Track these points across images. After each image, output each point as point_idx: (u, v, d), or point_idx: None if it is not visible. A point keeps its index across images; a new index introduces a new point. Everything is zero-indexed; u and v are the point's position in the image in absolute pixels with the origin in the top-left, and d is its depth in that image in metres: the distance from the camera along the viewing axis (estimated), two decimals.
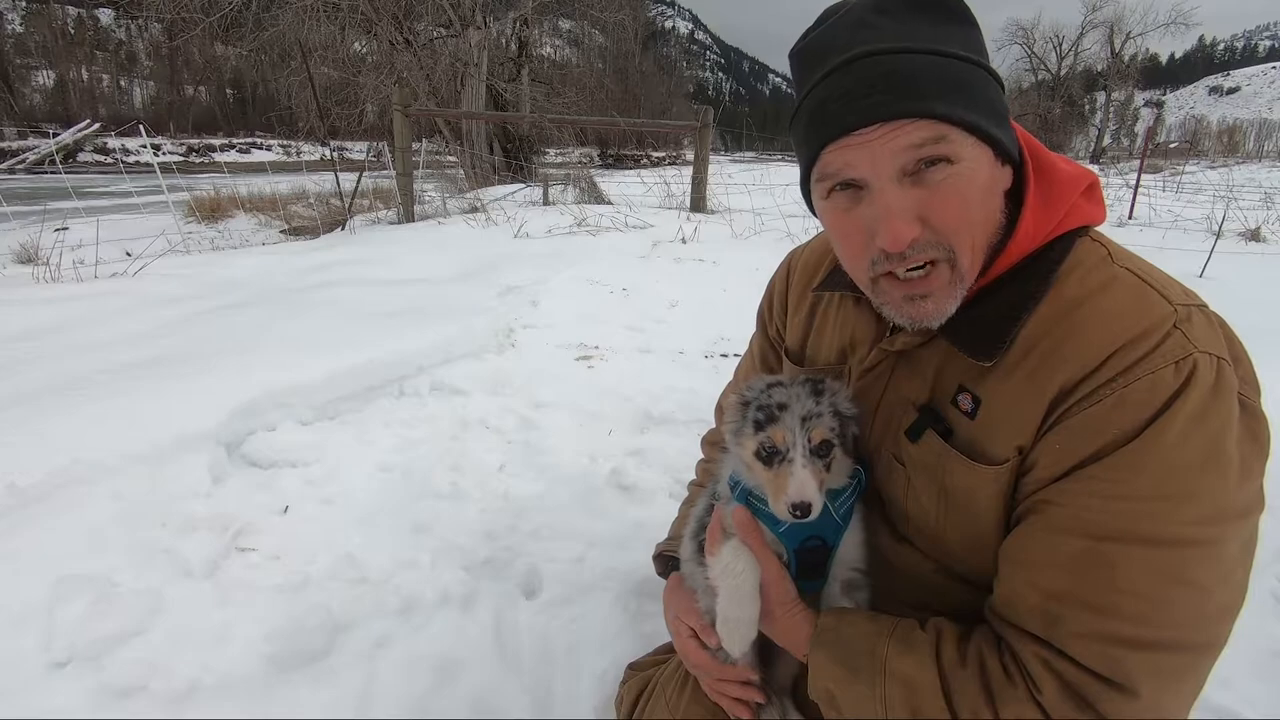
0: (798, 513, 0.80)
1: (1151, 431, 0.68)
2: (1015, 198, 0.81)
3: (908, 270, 0.76)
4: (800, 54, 0.80)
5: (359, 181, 9.18)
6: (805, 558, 0.90)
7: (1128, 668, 0.67)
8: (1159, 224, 8.51)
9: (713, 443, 1.35)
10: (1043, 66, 52.47)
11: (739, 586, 0.88)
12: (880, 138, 0.72)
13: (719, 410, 1.37)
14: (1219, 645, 0.70)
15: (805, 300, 1.08)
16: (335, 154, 10.18)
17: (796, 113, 0.80)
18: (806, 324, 1.07)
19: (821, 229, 0.93)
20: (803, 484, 0.81)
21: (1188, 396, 0.67)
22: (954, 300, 0.78)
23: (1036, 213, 0.79)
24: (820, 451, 0.84)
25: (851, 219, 0.78)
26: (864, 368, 0.93)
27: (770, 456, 0.84)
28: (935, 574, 0.88)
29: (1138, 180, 10.99)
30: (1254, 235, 7.61)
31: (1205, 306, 0.75)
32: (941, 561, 0.87)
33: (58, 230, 6.37)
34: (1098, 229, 0.83)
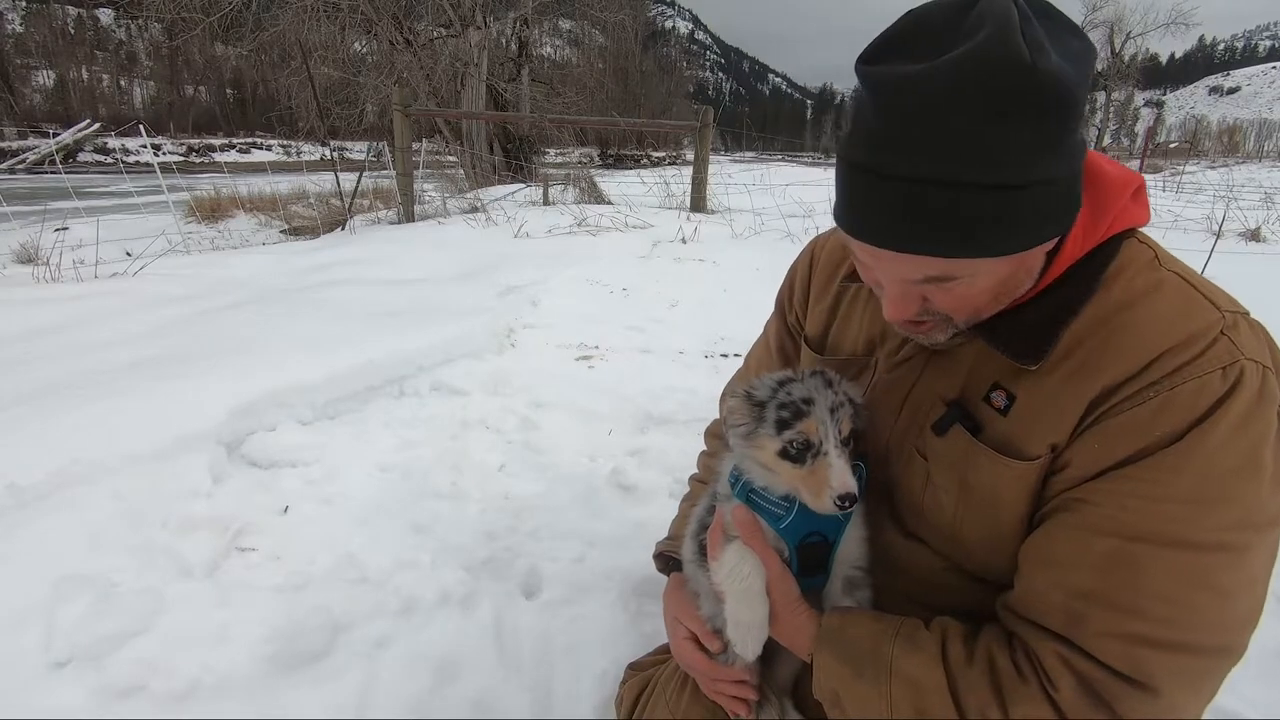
0: (845, 504, 0.80)
1: (1195, 435, 0.68)
2: None
3: None
4: (868, 83, 0.68)
5: (359, 181, 9.19)
6: (806, 554, 0.90)
7: (1151, 668, 0.67)
8: (1159, 224, 8.49)
9: (716, 435, 1.33)
10: None
11: (747, 589, 0.88)
12: (892, 259, 0.72)
13: (724, 400, 1.34)
14: (1239, 651, 0.71)
15: (829, 289, 1.07)
16: (335, 154, 10.19)
17: (849, 135, 0.73)
18: (830, 313, 1.06)
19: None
20: (844, 474, 0.81)
21: (1233, 402, 0.68)
22: (948, 335, 0.83)
23: (1085, 225, 0.78)
24: (848, 442, 0.85)
25: (866, 271, 0.81)
26: (897, 360, 0.93)
27: (801, 453, 0.83)
28: (945, 572, 0.87)
29: None
30: (1254, 235, 7.61)
31: (1249, 314, 0.76)
32: (953, 559, 0.87)
33: (58, 230, 6.37)
34: (1142, 230, 0.82)
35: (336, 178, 9.07)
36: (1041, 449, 0.76)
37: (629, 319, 3.84)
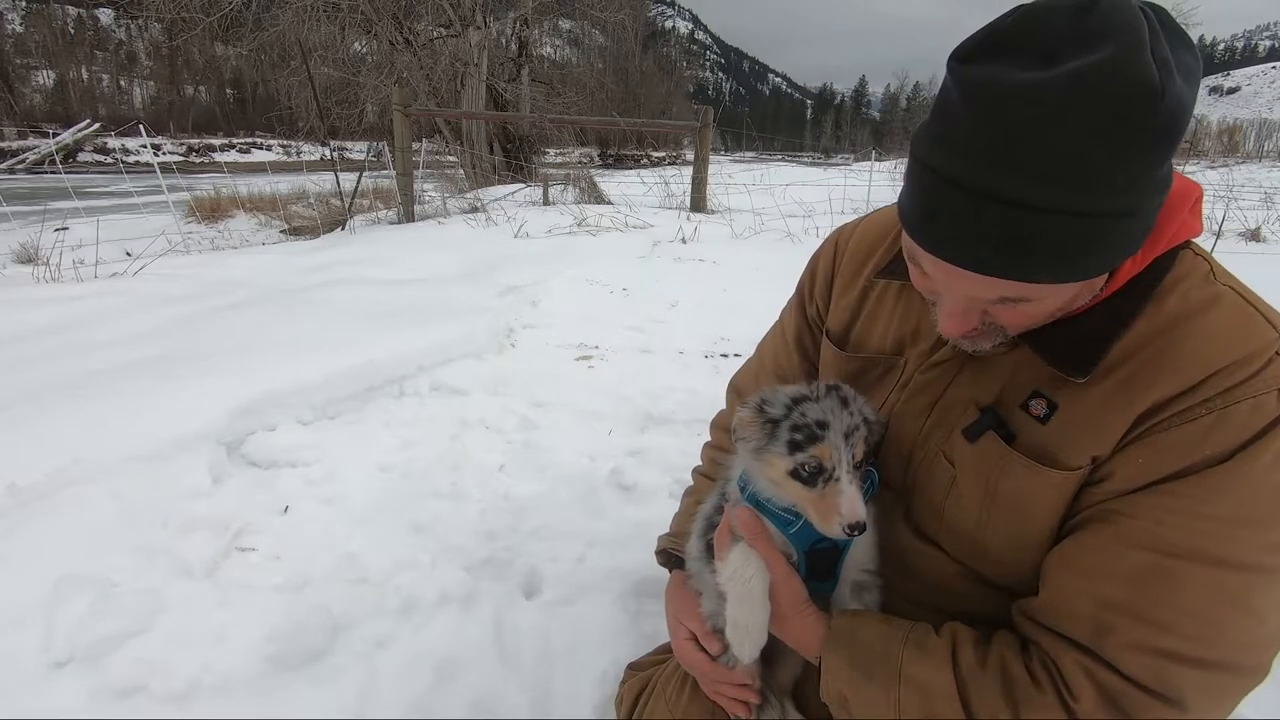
0: (854, 532, 0.79)
1: (1246, 455, 0.67)
2: None
3: None
4: (965, 85, 0.63)
5: (359, 181, 9.18)
6: (815, 560, 0.89)
7: (1177, 682, 0.67)
8: None
9: (722, 426, 1.30)
10: None
11: (749, 591, 0.87)
12: (967, 279, 0.68)
13: (733, 390, 1.31)
14: (1263, 673, 0.70)
15: (856, 283, 1.04)
16: (335, 154, 10.18)
17: (928, 139, 0.68)
18: (856, 308, 1.03)
19: (868, 211, 0.97)
20: (855, 503, 0.79)
21: None
22: (995, 344, 0.80)
23: (1149, 239, 0.76)
24: (860, 465, 0.83)
25: (922, 277, 0.78)
26: (932, 361, 0.90)
27: (813, 476, 0.82)
28: (959, 578, 0.87)
29: None
30: (1254, 235, 7.61)
31: None
32: (970, 565, 0.86)
33: (58, 230, 6.37)
34: (1196, 241, 0.80)
35: (336, 178, 9.07)
36: (1083, 459, 0.75)
37: (629, 319, 3.84)
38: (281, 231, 9.40)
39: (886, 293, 0.99)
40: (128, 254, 5.33)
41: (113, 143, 34.73)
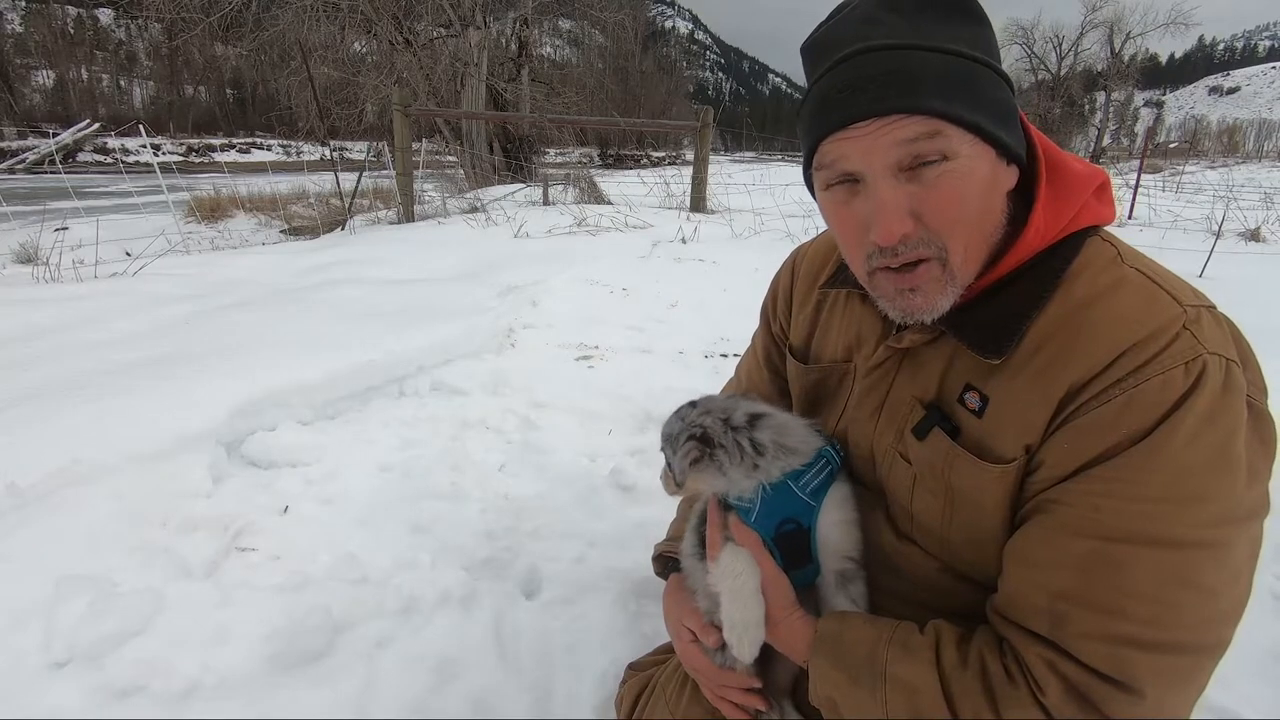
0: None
1: (1161, 432, 0.67)
2: (1024, 196, 0.80)
3: (899, 266, 0.77)
4: (809, 48, 0.81)
5: (359, 181, 9.19)
6: (785, 544, 0.90)
7: (1135, 669, 0.67)
8: (1159, 224, 8.52)
9: None
10: (1043, 66, 52.32)
11: (740, 587, 0.88)
12: (875, 132, 0.72)
13: None
14: (1224, 647, 0.70)
15: (811, 297, 1.07)
16: (335, 154, 10.18)
17: (802, 104, 0.81)
18: (812, 321, 1.07)
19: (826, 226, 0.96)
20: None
21: (1197, 397, 0.67)
22: (945, 297, 0.78)
23: (1047, 211, 0.78)
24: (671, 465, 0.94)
25: (849, 211, 0.79)
26: (870, 365, 0.92)
27: None
28: (939, 573, 0.87)
29: (1137, 180, 11.00)
30: (1254, 235, 7.62)
31: (1214, 307, 0.75)
32: (946, 561, 0.86)
33: (58, 230, 6.37)
34: (1107, 229, 0.83)
35: (336, 178, 9.07)
36: (1016, 451, 0.76)
37: (629, 319, 3.84)
38: (281, 231, 9.40)
39: (836, 303, 1.03)
40: (128, 254, 5.33)
41: (113, 143, 34.68)
